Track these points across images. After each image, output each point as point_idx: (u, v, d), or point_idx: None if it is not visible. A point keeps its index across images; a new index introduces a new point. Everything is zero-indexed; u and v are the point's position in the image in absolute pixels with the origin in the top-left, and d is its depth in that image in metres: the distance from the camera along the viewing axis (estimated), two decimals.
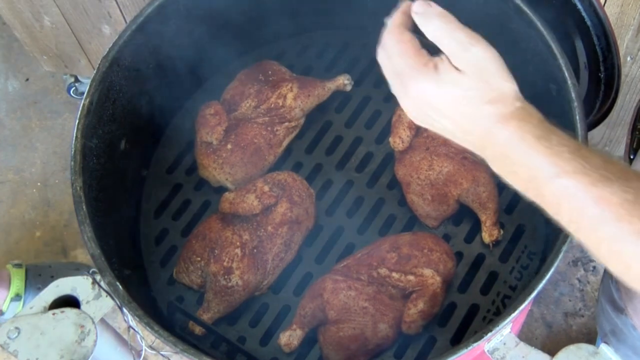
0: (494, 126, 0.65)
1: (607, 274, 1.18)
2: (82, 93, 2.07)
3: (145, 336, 1.03)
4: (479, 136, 0.67)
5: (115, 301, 0.93)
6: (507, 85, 0.67)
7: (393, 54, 0.70)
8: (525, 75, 0.77)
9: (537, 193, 0.64)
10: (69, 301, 0.95)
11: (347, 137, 1.26)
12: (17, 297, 1.65)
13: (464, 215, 1.15)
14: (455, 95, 0.67)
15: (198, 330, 1.07)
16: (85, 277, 0.95)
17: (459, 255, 1.12)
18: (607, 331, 1.20)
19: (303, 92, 1.22)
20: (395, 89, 0.71)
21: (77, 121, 1.03)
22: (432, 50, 0.69)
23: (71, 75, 2.07)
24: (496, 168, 0.68)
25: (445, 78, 0.67)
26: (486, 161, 0.68)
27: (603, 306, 1.19)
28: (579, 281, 1.74)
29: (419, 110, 0.70)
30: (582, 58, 1.09)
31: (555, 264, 0.90)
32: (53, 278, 1.68)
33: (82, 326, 0.91)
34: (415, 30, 0.71)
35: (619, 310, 1.12)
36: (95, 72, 1.07)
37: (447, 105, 0.67)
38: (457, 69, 0.67)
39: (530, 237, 1.13)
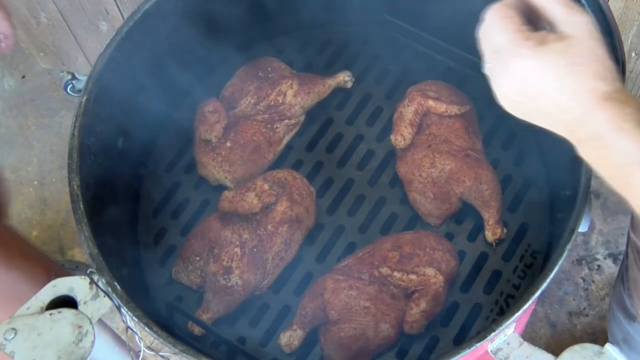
0: (595, 105, 0.62)
1: (619, 281, 1.16)
2: (79, 90, 2.07)
3: (144, 337, 1.01)
4: (578, 114, 0.63)
5: (113, 301, 0.92)
6: (608, 58, 0.64)
7: (493, 30, 0.67)
8: None
9: (624, 181, 0.62)
10: (67, 301, 0.94)
11: (347, 135, 1.25)
12: None
13: (467, 214, 1.14)
14: (560, 65, 0.63)
15: (197, 330, 1.06)
16: (82, 277, 0.94)
17: (461, 254, 1.11)
18: (619, 339, 1.19)
19: (303, 89, 1.21)
20: (493, 67, 0.68)
21: (74, 119, 1.03)
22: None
23: (68, 73, 2.06)
24: (585, 150, 0.64)
25: (550, 49, 0.64)
26: (573, 143, 0.65)
27: (615, 313, 1.17)
28: (584, 280, 1.73)
29: (516, 89, 0.66)
30: None
31: (559, 263, 0.89)
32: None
33: (80, 327, 0.90)
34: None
35: (631, 317, 1.10)
36: (92, 69, 1.06)
37: (549, 79, 0.64)
38: (563, 37, 0.64)
39: (533, 235, 1.12)
